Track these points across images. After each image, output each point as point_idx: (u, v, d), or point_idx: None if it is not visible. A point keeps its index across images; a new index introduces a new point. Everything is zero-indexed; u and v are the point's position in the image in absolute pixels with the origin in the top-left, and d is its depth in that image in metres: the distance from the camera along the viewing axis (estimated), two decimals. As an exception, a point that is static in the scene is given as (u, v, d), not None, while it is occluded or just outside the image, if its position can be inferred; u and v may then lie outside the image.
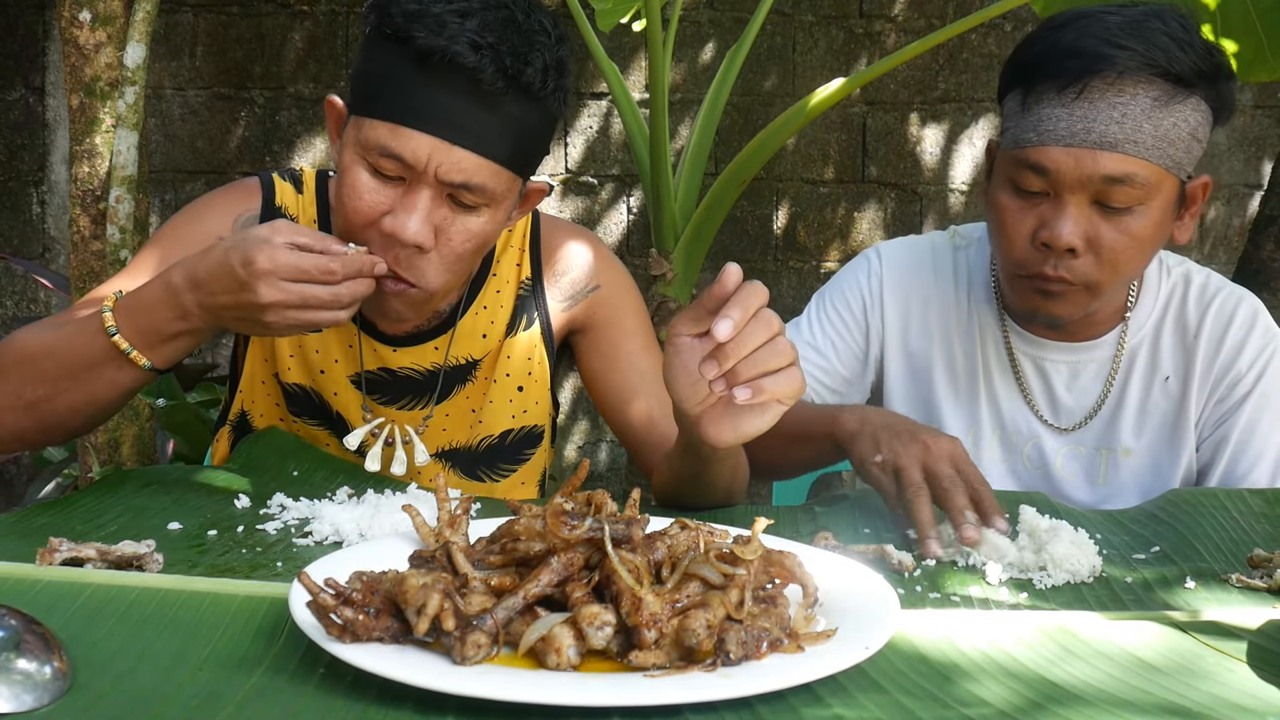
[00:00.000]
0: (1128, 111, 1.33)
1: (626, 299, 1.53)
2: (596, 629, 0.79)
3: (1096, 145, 1.33)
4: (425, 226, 1.24)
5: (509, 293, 1.50)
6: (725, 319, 0.98)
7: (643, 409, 1.48)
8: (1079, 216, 1.36)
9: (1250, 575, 1.07)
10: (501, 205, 1.30)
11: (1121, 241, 1.37)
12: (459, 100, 1.21)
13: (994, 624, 0.94)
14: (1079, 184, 1.35)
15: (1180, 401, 1.53)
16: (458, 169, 1.23)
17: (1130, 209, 1.36)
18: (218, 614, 0.91)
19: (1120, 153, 1.33)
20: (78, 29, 2.16)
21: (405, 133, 1.22)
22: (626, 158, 3.70)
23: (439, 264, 1.28)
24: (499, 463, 1.52)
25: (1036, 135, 1.37)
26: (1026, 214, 1.40)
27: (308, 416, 1.49)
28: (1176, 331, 1.54)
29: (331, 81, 3.63)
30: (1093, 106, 1.33)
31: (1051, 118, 1.35)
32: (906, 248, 1.66)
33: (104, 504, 1.21)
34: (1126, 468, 1.54)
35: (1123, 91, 1.33)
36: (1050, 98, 1.36)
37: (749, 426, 1.07)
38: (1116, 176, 1.34)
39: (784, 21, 3.72)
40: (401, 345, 1.46)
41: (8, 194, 3.60)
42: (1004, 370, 1.57)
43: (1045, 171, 1.36)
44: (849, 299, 1.63)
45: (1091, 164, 1.34)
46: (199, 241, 1.36)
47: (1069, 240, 1.36)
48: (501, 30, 1.21)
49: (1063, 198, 1.36)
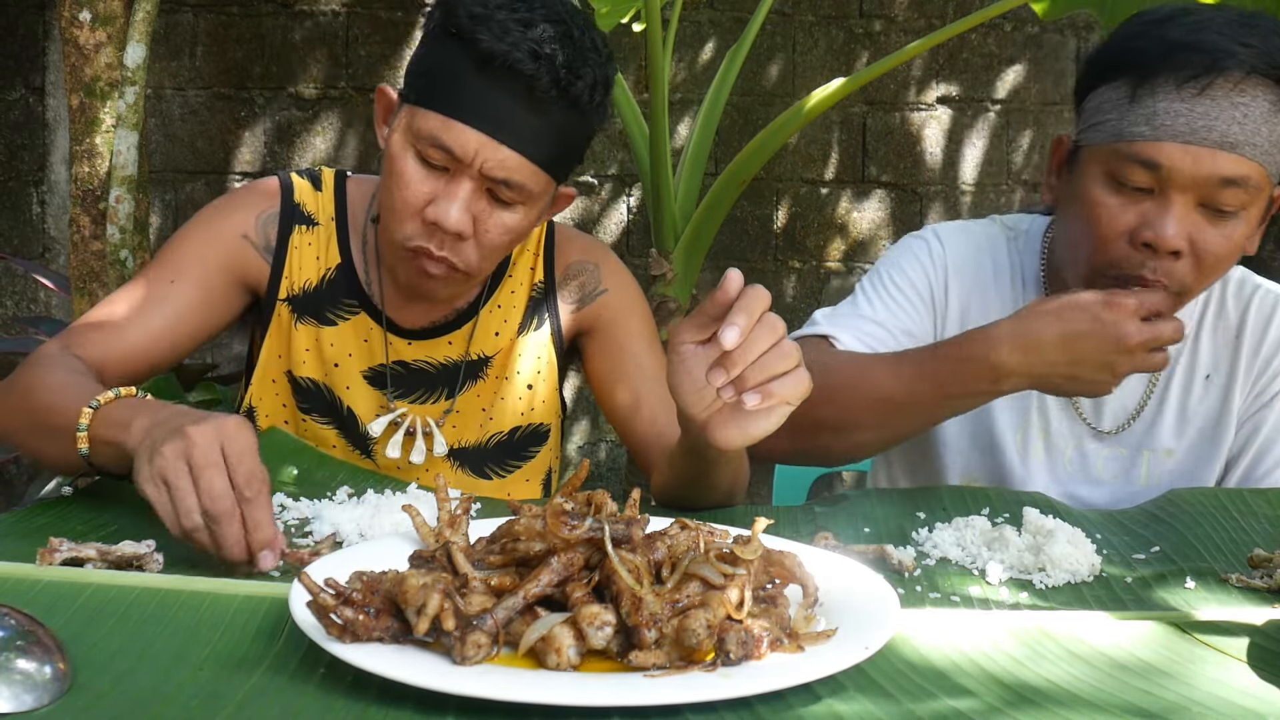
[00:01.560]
0: (1249, 113, 1.28)
1: (633, 304, 1.56)
2: (596, 629, 0.79)
3: (1217, 145, 1.28)
4: (465, 215, 1.32)
5: (522, 294, 1.54)
6: (731, 326, 0.99)
7: (646, 410, 1.50)
8: (1185, 217, 1.31)
9: (1250, 575, 1.07)
10: (536, 204, 1.37)
11: (1223, 247, 1.32)
12: (511, 102, 1.29)
13: (994, 624, 0.94)
14: (1192, 183, 1.30)
15: (1223, 399, 1.51)
16: (501, 166, 1.30)
17: (1235, 213, 1.32)
18: (218, 614, 0.91)
19: (1239, 154, 1.29)
20: (78, 29, 2.16)
21: (457, 126, 1.29)
22: (626, 158, 3.70)
23: (476, 250, 1.35)
24: (506, 459, 1.55)
25: (1151, 129, 1.30)
26: (1126, 210, 1.33)
27: (318, 414, 1.50)
28: (1217, 329, 1.52)
29: (332, 81, 3.63)
30: (1215, 104, 1.28)
31: (1169, 112, 1.30)
32: (965, 233, 1.59)
33: (104, 504, 1.21)
34: (1167, 468, 1.52)
35: (1244, 92, 1.28)
36: (1169, 92, 1.30)
37: (756, 429, 1.08)
38: (1233, 178, 1.29)
39: (784, 21, 3.72)
40: (417, 339, 1.50)
41: (8, 194, 3.60)
42: None
43: (1157, 167, 1.30)
44: (913, 277, 1.55)
45: (1210, 164, 1.29)
46: (225, 239, 1.45)
47: (1175, 242, 1.30)
48: (559, 43, 1.28)
49: (1170, 196, 1.31)
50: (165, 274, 1.42)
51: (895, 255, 1.59)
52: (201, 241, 1.44)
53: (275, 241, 1.47)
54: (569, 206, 1.50)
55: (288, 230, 1.48)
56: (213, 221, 1.46)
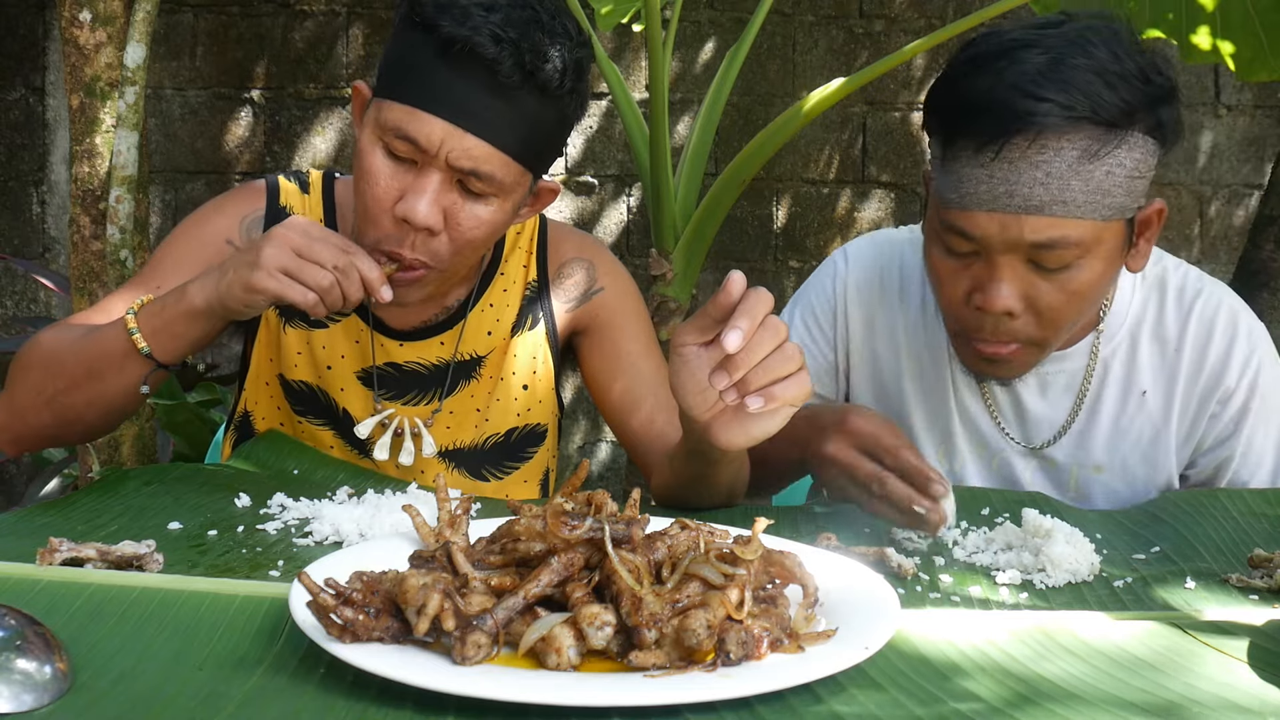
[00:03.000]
0: (1051, 170, 1.22)
1: (629, 303, 1.54)
2: (596, 629, 0.79)
3: (1020, 210, 1.23)
4: (434, 209, 1.28)
5: (515, 293, 1.52)
6: (734, 329, 0.99)
7: (643, 410, 1.49)
8: (1013, 278, 1.27)
9: (1250, 575, 1.07)
10: (510, 196, 1.33)
11: (1060, 299, 1.28)
12: (475, 89, 1.25)
13: (994, 624, 0.95)
14: (1007, 248, 1.26)
15: (1161, 417, 1.45)
16: (468, 155, 1.26)
17: (1068, 265, 1.26)
18: (218, 614, 0.91)
19: (1048, 215, 1.23)
20: (78, 29, 2.16)
21: (421, 116, 1.26)
22: (626, 158, 3.70)
23: (449, 245, 1.32)
24: (504, 460, 1.54)
25: (958, 197, 1.26)
26: (960, 275, 1.31)
27: (313, 416, 1.50)
28: (1155, 343, 1.46)
29: (332, 82, 3.63)
30: (1013, 167, 1.22)
31: (971, 179, 1.25)
32: (872, 247, 1.58)
33: (104, 504, 1.21)
34: (1099, 483, 1.47)
35: (1045, 149, 1.22)
36: (968, 156, 1.25)
37: (759, 430, 1.08)
38: (1044, 243, 1.24)
39: (784, 21, 3.72)
40: (408, 340, 1.49)
41: (8, 194, 3.60)
42: (970, 384, 1.49)
43: (971, 237, 1.27)
44: (816, 309, 1.57)
45: (1017, 230, 1.24)
46: (209, 243, 1.43)
47: (1003, 305, 1.27)
48: (524, 27, 1.25)
49: (994, 260, 1.27)
50: (151, 280, 1.40)
51: (806, 286, 1.61)
52: (186, 247, 1.43)
53: None
54: (555, 201, 1.47)
55: None
56: (197, 227, 1.45)
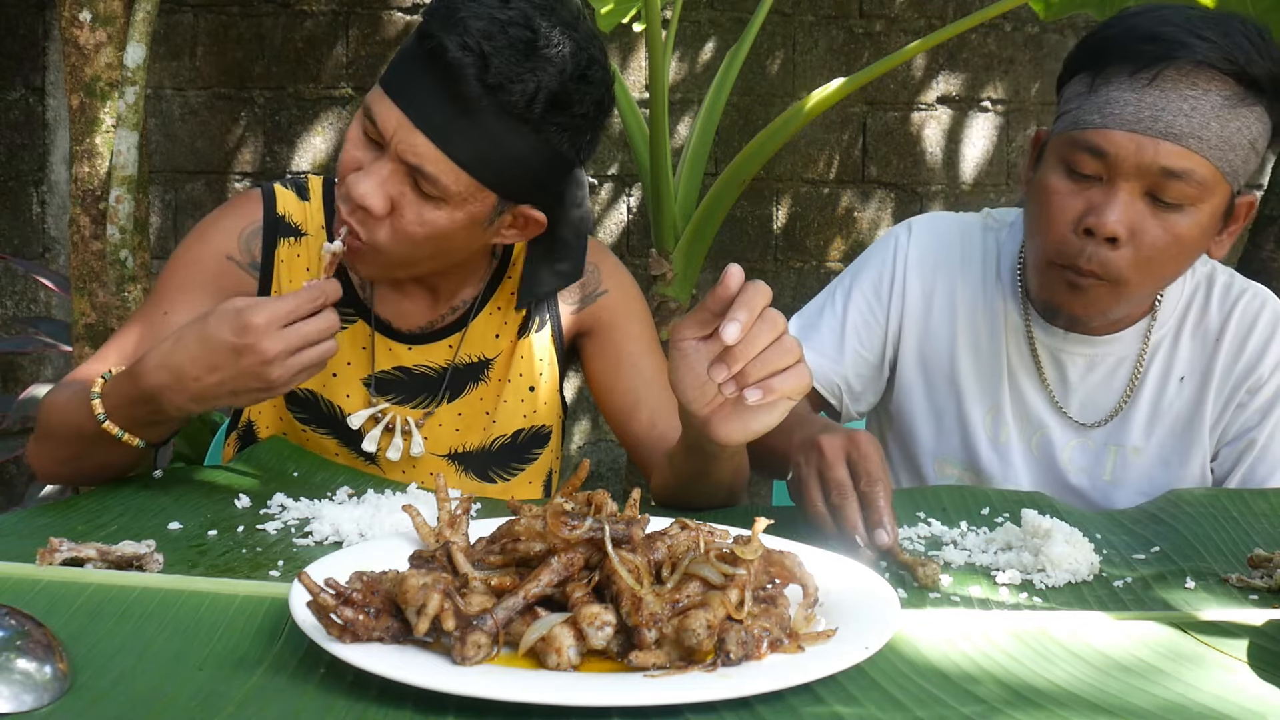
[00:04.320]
0: (1198, 106, 1.29)
1: (632, 305, 1.55)
2: (596, 629, 0.79)
3: (1162, 135, 1.30)
4: (377, 192, 1.27)
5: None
6: (732, 322, 0.99)
7: (645, 411, 1.50)
8: (1129, 205, 1.32)
9: (1250, 575, 1.07)
10: (462, 208, 1.30)
11: (1164, 240, 1.33)
12: (436, 90, 1.25)
13: (994, 624, 0.95)
14: (1136, 171, 1.31)
15: (1195, 404, 1.51)
16: (413, 150, 1.26)
17: (1180, 207, 1.32)
18: (218, 614, 0.91)
19: (1184, 146, 1.30)
20: (78, 29, 2.16)
21: (385, 101, 1.27)
22: (626, 158, 3.70)
23: (389, 233, 1.31)
24: (510, 462, 1.54)
25: (1101, 117, 1.33)
26: (1075, 198, 1.36)
27: (315, 424, 1.50)
28: (1197, 333, 1.52)
29: (332, 82, 3.63)
30: (1164, 95, 1.30)
31: (1120, 101, 1.32)
32: (937, 223, 1.64)
33: (104, 504, 1.21)
34: (1135, 466, 1.53)
35: (1196, 85, 1.30)
36: (1121, 81, 1.32)
37: (757, 423, 1.08)
38: (1175, 170, 1.30)
39: (784, 21, 3.72)
40: (415, 343, 1.49)
41: (8, 194, 3.60)
42: (1023, 357, 1.55)
43: (1104, 154, 1.32)
44: (872, 274, 1.61)
45: (1153, 153, 1.30)
46: (209, 264, 1.44)
47: (1114, 228, 1.32)
48: (506, 45, 1.22)
49: (1116, 184, 1.33)
50: (159, 306, 1.42)
51: (866, 255, 1.65)
52: (189, 269, 1.44)
53: (260, 256, 1.46)
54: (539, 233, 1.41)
55: (272, 244, 1.46)
56: (196, 248, 1.46)
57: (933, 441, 1.60)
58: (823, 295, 1.66)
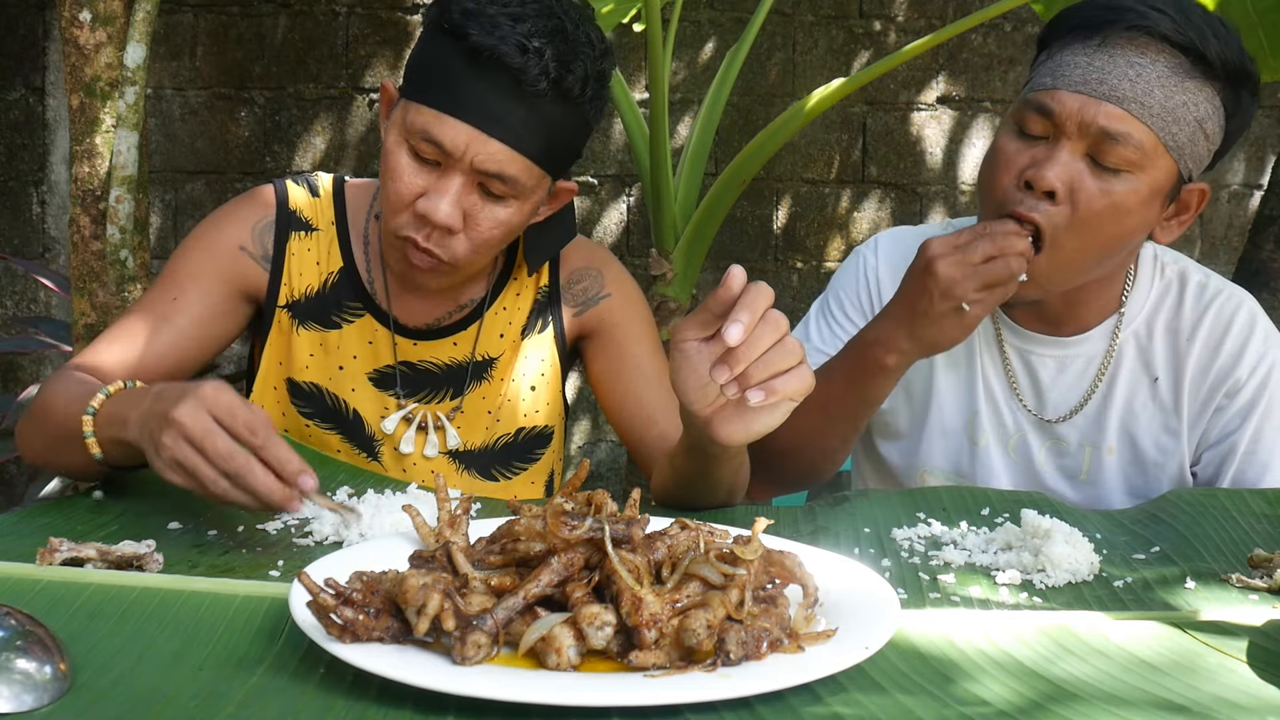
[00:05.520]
0: (1143, 73, 1.32)
1: (634, 308, 1.57)
2: (596, 629, 0.79)
3: (1105, 97, 1.33)
4: (455, 210, 1.32)
5: (528, 296, 1.55)
6: (735, 323, 0.99)
7: (646, 413, 1.52)
8: (1069, 163, 1.35)
9: (1250, 575, 1.07)
10: (529, 198, 1.37)
11: (1100, 202, 1.35)
12: (501, 96, 1.29)
13: (994, 624, 0.95)
14: (1078, 131, 1.34)
15: (1171, 405, 1.51)
16: (492, 159, 1.31)
17: (1118, 172, 1.34)
18: (218, 614, 0.91)
19: (1125, 110, 1.33)
20: (78, 29, 2.16)
21: (447, 120, 1.30)
22: (626, 158, 3.70)
23: (467, 244, 1.36)
24: (513, 461, 1.56)
25: (1052, 79, 1.37)
26: (1021, 154, 1.39)
27: (320, 419, 1.51)
28: (1168, 334, 1.52)
29: (332, 82, 3.63)
30: (1111, 59, 1.34)
31: (1070, 64, 1.36)
32: (901, 237, 1.65)
33: (104, 504, 1.22)
34: (1111, 466, 1.53)
35: (1145, 53, 1.33)
36: (1075, 46, 1.37)
37: (759, 424, 1.09)
38: (1114, 133, 1.33)
39: (784, 21, 3.72)
40: (422, 339, 1.51)
41: (8, 194, 3.60)
42: (994, 361, 1.56)
43: (1050, 112, 1.35)
44: (849, 294, 1.63)
45: (1094, 113, 1.33)
46: (222, 253, 1.46)
47: (1051, 182, 1.34)
48: (550, 37, 1.29)
49: (1059, 142, 1.36)
50: (167, 293, 1.43)
51: (838, 276, 1.68)
52: (200, 257, 1.45)
53: (272, 249, 1.48)
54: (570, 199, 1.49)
55: (284, 237, 1.48)
56: (209, 235, 1.47)
57: (915, 453, 1.60)
58: (802, 323, 1.68)
